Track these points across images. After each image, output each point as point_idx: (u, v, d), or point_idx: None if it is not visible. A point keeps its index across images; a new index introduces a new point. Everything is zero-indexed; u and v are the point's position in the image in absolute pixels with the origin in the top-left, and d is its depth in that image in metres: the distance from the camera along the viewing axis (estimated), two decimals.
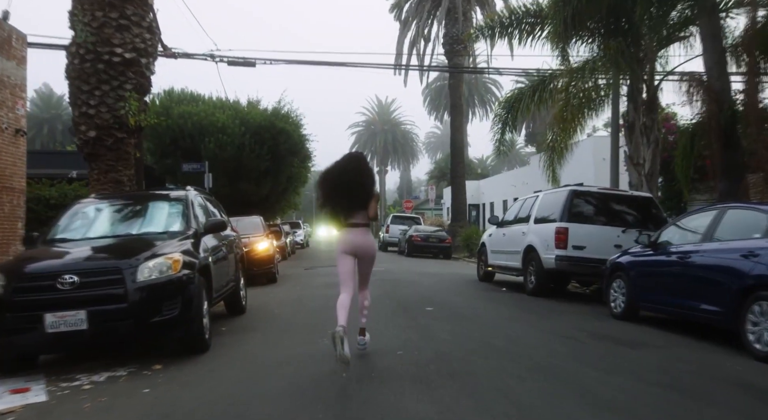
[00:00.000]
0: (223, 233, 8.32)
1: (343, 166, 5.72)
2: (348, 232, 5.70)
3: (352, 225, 5.69)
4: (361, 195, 5.64)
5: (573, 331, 7.39)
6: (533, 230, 11.53)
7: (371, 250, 5.85)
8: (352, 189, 5.60)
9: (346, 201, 5.63)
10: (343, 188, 5.60)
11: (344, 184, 5.60)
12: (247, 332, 7.44)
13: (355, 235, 5.69)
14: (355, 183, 5.62)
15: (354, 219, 5.68)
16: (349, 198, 5.62)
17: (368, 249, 5.81)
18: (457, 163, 30.17)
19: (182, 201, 7.37)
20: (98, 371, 5.58)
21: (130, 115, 11.01)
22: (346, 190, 5.60)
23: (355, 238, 5.69)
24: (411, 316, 8.34)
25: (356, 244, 5.69)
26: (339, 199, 5.65)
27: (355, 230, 5.69)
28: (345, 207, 5.65)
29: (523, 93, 14.33)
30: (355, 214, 5.67)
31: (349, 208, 5.64)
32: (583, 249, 10.39)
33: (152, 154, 23.28)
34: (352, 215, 5.66)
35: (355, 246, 5.70)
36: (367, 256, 5.83)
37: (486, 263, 14.13)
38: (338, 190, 5.63)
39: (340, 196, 5.63)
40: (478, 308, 9.29)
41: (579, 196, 10.76)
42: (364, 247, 5.76)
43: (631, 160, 13.77)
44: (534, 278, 11.26)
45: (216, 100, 24.62)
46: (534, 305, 9.90)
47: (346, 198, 5.62)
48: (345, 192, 5.60)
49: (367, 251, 5.80)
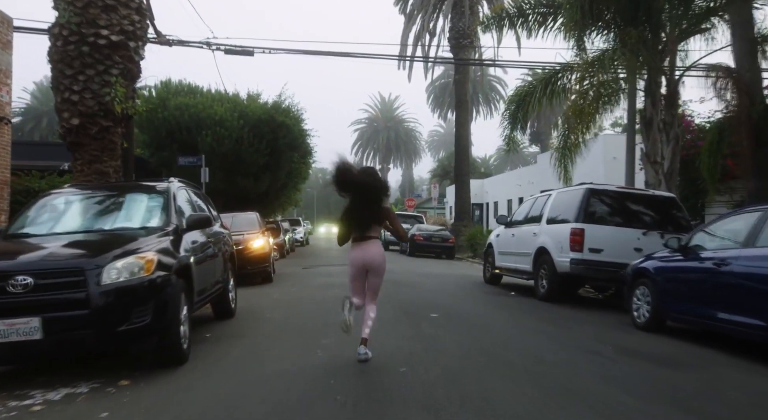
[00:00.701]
0: (211, 230, 7.61)
1: (363, 180, 5.72)
2: (360, 245, 5.77)
3: (365, 238, 5.76)
4: (376, 211, 5.73)
5: (596, 345, 6.65)
6: (546, 231, 10.79)
7: (381, 264, 5.84)
8: (370, 204, 5.70)
9: (364, 215, 5.71)
10: (362, 203, 5.69)
11: (363, 199, 5.68)
12: (234, 340, 6.71)
13: (367, 249, 5.74)
14: (373, 199, 5.70)
15: (368, 232, 5.76)
16: (367, 212, 5.70)
17: (379, 262, 5.82)
18: (462, 161, 29.41)
19: (163, 194, 6.63)
20: (57, 386, 4.85)
21: (116, 102, 10.29)
22: (365, 204, 5.69)
23: (367, 252, 5.74)
24: (414, 323, 7.60)
25: (367, 257, 5.75)
26: (356, 212, 5.72)
27: (366, 243, 5.75)
28: (361, 220, 5.73)
29: (534, 87, 13.56)
30: (370, 228, 5.76)
31: (364, 222, 5.73)
32: (601, 252, 9.65)
33: (148, 146, 22.63)
34: (366, 229, 5.75)
35: (366, 259, 5.76)
36: (377, 269, 5.82)
37: (493, 265, 13.39)
38: (356, 204, 5.71)
39: (358, 210, 5.71)
40: (487, 315, 8.55)
41: (596, 195, 10.01)
42: (376, 261, 5.79)
43: (648, 158, 13.02)
44: (546, 282, 10.52)
45: (215, 93, 23.89)
46: (548, 312, 9.16)
47: (363, 212, 5.70)
48: (363, 206, 5.69)
49: (377, 264, 5.81)
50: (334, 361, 5.56)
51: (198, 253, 6.56)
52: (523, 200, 34.24)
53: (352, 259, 5.84)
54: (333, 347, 6.11)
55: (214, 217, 8.43)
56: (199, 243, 6.78)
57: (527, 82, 13.67)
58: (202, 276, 6.62)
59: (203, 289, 6.76)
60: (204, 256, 6.85)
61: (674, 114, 12.38)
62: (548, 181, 29.01)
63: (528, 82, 13.65)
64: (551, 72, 13.80)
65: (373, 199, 5.70)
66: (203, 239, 7.01)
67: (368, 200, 5.68)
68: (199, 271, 6.47)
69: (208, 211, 8.16)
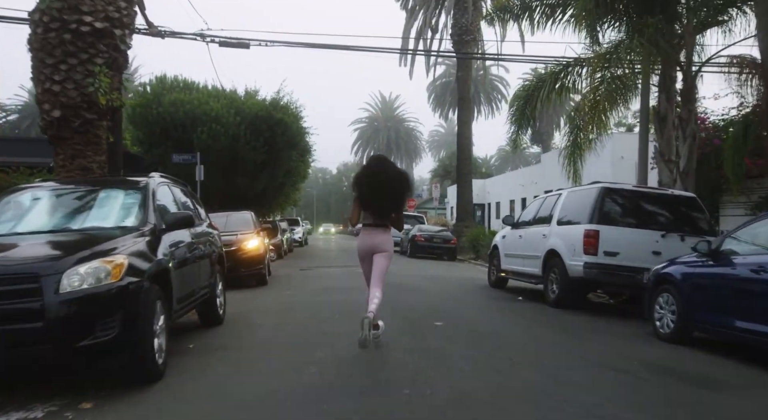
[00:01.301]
0: (196, 230, 6.98)
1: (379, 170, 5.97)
2: (370, 231, 6.01)
3: (378, 225, 6.00)
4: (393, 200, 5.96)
5: (620, 360, 6.01)
6: (556, 233, 10.15)
7: (389, 247, 6.05)
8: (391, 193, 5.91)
9: (385, 205, 5.92)
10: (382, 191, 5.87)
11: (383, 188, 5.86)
12: (219, 352, 6.07)
13: (374, 235, 5.99)
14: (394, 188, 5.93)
15: (378, 220, 5.99)
16: (388, 203, 5.93)
17: (386, 245, 6.03)
18: (464, 160, 28.76)
19: (141, 190, 5.99)
20: (8, 410, 4.20)
21: (100, 93, 9.65)
22: (384, 193, 5.88)
23: (375, 238, 5.98)
24: (418, 333, 6.96)
25: (375, 241, 5.99)
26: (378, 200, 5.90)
27: (377, 229, 5.98)
28: (381, 209, 5.93)
29: (543, 81, 12.93)
30: (382, 216, 5.99)
31: (383, 212, 5.95)
32: (617, 255, 9.01)
33: (142, 143, 22.03)
34: (378, 216, 5.96)
35: (374, 243, 6.00)
36: (383, 251, 6.00)
37: (498, 268, 12.76)
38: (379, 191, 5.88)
39: (378, 196, 5.89)
40: (496, 324, 7.91)
41: (611, 195, 9.37)
42: (383, 244, 6.01)
43: (662, 157, 12.40)
44: (556, 287, 9.89)
45: (211, 89, 23.25)
46: (560, 320, 8.53)
47: (382, 200, 5.90)
48: (385, 194, 5.88)
49: (384, 247, 6.00)
50: (328, 379, 4.91)
51: (179, 255, 5.93)
52: (526, 201, 33.72)
53: (361, 243, 6.08)
54: (328, 362, 5.47)
55: (201, 215, 7.80)
56: (182, 244, 6.15)
57: (536, 77, 12.99)
58: (183, 281, 6.00)
59: (185, 295, 6.14)
60: (187, 258, 6.22)
61: (691, 110, 11.77)
62: (552, 181, 28.47)
63: (537, 77, 12.97)
64: (561, 66, 13.17)
65: (398, 192, 5.98)
66: (187, 240, 6.38)
67: (394, 193, 5.92)
68: (180, 275, 5.84)
69: (194, 209, 7.54)
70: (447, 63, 61.48)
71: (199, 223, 7.37)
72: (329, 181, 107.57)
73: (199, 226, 7.24)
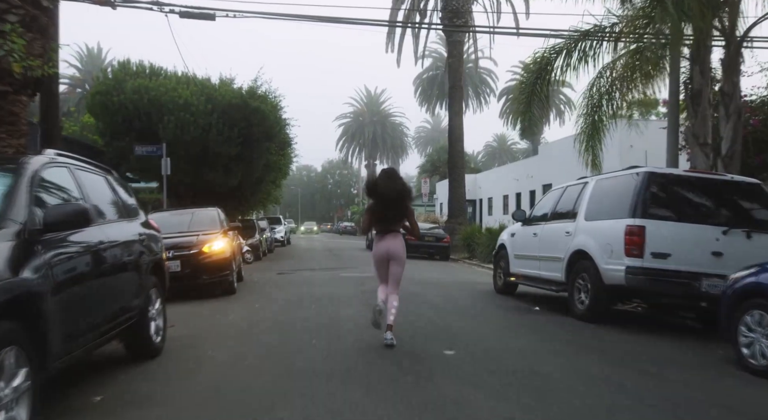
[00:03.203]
0: (115, 230, 5.04)
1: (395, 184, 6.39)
2: (384, 238, 6.38)
3: (390, 231, 6.39)
4: (403, 209, 6.40)
5: (714, 410, 4.16)
6: (585, 230, 8.29)
7: (402, 254, 6.39)
8: (398, 204, 6.35)
9: (392, 212, 6.35)
10: (391, 202, 6.32)
11: (390, 198, 6.31)
12: (134, 410, 4.12)
13: (389, 240, 6.35)
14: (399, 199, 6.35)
15: (391, 226, 6.40)
16: (394, 210, 6.35)
17: (400, 253, 6.36)
18: (456, 153, 26.85)
19: (12, 172, 4.02)
20: None
21: (12, 59, 7.62)
22: (391, 203, 6.33)
23: (390, 244, 6.34)
24: (424, 370, 5.04)
25: (391, 248, 6.32)
26: (385, 209, 6.34)
27: (390, 236, 6.37)
28: (390, 217, 6.36)
29: (558, 51, 11.05)
30: (393, 223, 6.41)
31: (393, 219, 6.38)
32: (667, 258, 7.16)
33: (102, 134, 19.93)
34: (392, 224, 6.40)
35: (390, 250, 6.32)
36: (398, 259, 6.34)
37: (507, 271, 10.88)
38: (386, 202, 6.33)
39: (386, 207, 6.34)
40: (524, 351, 5.99)
41: (658, 181, 7.52)
42: (397, 251, 6.34)
43: (695, 140, 10.61)
44: (586, 296, 8.03)
45: (180, 75, 21.17)
46: (601, 342, 6.66)
47: (391, 210, 6.34)
48: (391, 205, 6.33)
49: (398, 254, 6.34)
50: None
51: (70, 268, 3.98)
52: (521, 196, 31.92)
53: (376, 250, 6.45)
54: None
55: (129, 211, 5.83)
56: (79, 252, 4.20)
57: (546, 48, 11.10)
58: (81, 307, 4.07)
59: (86, 327, 4.21)
60: (87, 272, 4.27)
61: (736, 82, 10.01)
62: (551, 174, 26.64)
63: (548, 48, 11.10)
64: (576, 38, 11.28)
65: (402, 199, 6.37)
66: (92, 245, 4.42)
67: (398, 200, 6.33)
68: (73, 299, 3.91)
69: (118, 201, 5.58)
70: (434, 55, 59.70)
71: (122, 221, 5.42)
72: (314, 179, 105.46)
73: (117, 225, 5.28)
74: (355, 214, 76.36)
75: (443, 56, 56.16)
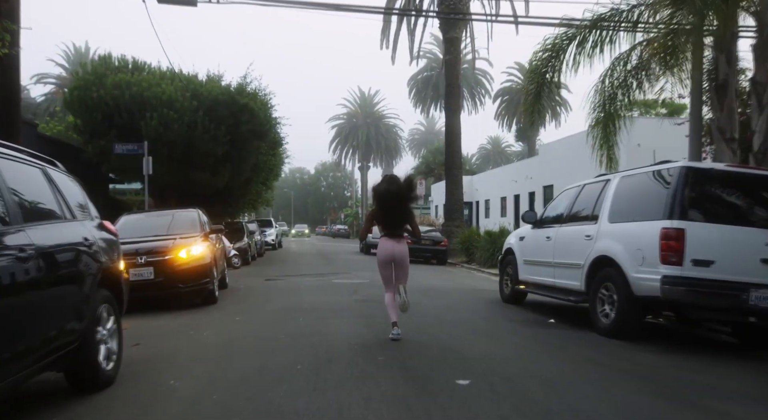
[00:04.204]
0: (51, 234, 4.05)
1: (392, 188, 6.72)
2: (388, 241, 6.72)
3: (393, 235, 6.75)
4: (403, 212, 6.77)
5: None
6: (609, 233, 7.31)
7: (405, 257, 6.78)
8: (398, 207, 6.72)
9: (392, 215, 6.72)
10: (391, 206, 6.71)
11: (392, 203, 6.70)
12: None
13: (394, 244, 6.71)
14: (402, 203, 6.75)
15: (394, 230, 6.76)
16: (395, 214, 6.72)
17: (403, 255, 6.75)
18: (453, 153, 25.88)
19: None
20: None
21: None
22: (393, 207, 6.71)
23: (394, 246, 6.70)
24: (437, 415, 3.99)
25: (395, 251, 6.69)
26: (386, 213, 6.73)
27: (393, 239, 6.73)
28: (393, 220, 6.73)
29: (569, 38, 10.08)
30: (396, 226, 6.76)
31: (395, 222, 6.74)
32: (711, 265, 6.19)
33: (81, 132, 18.86)
34: (393, 227, 6.75)
35: (395, 252, 6.69)
36: (402, 261, 6.75)
37: (515, 279, 9.91)
38: (387, 207, 6.73)
39: (387, 211, 6.73)
40: (554, 379, 4.97)
41: (698, 178, 6.55)
42: (402, 254, 6.73)
43: (721, 135, 9.70)
44: (611, 309, 7.05)
45: (165, 71, 20.12)
46: (641, 364, 5.68)
47: (392, 213, 6.72)
48: (392, 209, 6.71)
49: (402, 257, 6.74)
50: None
51: None
52: (520, 198, 30.94)
53: (380, 251, 6.74)
54: None
55: (76, 209, 4.82)
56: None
57: (563, 33, 10.14)
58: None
59: None
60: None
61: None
62: (552, 175, 25.69)
63: (563, 34, 10.13)
64: (589, 23, 10.31)
65: (404, 203, 6.76)
66: (7, 252, 3.40)
67: (400, 204, 6.72)
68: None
69: (57, 199, 4.56)
70: (429, 56, 58.77)
71: (61, 222, 4.40)
72: (307, 182, 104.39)
73: (59, 227, 4.26)
74: (348, 216, 75.29)
75: (438, 57, 55.29)
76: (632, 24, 9.60)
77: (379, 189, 6.77)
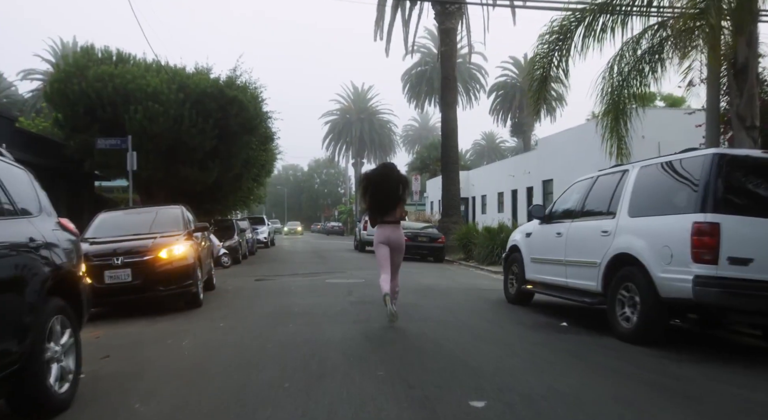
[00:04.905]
0: None
1: (384, 174, 7.28)
2: (384, 227, 7.20)
3: (388, 222, 7.19)
4: (395, 198, 7.16)
5: None
6: (629, 228, 6.64)
7: (401, 243, 7.30)
8: (390, 194, 7.13)
9: (384, 202, 7.15)
10: (383, 192, 7.16)
11: (384, 189, 7.17)
12: None
13: (390, 230, 7.18)
14: (393, 189, 7.17)
15: (389, 217, 7.18)
16: (387, 200, 7.14)
17: (399, 241, 7.27)
18: (450, 148, 25.17)
19: None
20: None
21: None
22: (385, 194, 7.15)
23: (391, 233, 7.17)
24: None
25: (391, 237, 7.17)
26: (378, 200, 7.17)
27: (389, 226, 7.19)
28: (383, 207, 7.17)
29: (577, 19, 9.40)
30: (390, 213, 7.17)
31: (385, 208, 7.17)
32: (749, 263, 5.53)
33: (62, 127, 18.11)
34: (387, 214, 7.17)
35: (389, 238, 7.17)
36: (398, 248, 7.27)
37: (521, 278, 9.25)
38: (378, 194, 7.16)
39: (379, 198, 7.16)
40: (579, 396, 4.30)
41: (732, 166, 5.88)
42: (396, 240, 7.23)
43: (740, 122, 9.03)
44: (633, 312, 6.39)
45: (151, 63, 19.34)
46: (670, 377, 5.01)
47: (384, 200, 7.15)
48: (384, 195, 7.15)
49: (398, 243, 7.26)
50: None
51: None
52: (518, 193, 30.27)
53: (377, 235, 7.21)
54: None
55: (18, 203, 4.11)
56: None
57: (570, 14, 9.45)
58: None
59: None
60: None
61: None
62: (551, 169, 25.04)
63: (571, 15, 9.44)
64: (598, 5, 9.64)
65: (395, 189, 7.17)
66: None
67: (392, 190, 7.12)
68: None
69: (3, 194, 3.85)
70: (423, 50, 58.10)
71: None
72: (300, 179, 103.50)
73: None
74: (342, 213, 74.52)
75: (432, 52, 54.67)
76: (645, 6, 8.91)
77: (373, 174, 7.28)
